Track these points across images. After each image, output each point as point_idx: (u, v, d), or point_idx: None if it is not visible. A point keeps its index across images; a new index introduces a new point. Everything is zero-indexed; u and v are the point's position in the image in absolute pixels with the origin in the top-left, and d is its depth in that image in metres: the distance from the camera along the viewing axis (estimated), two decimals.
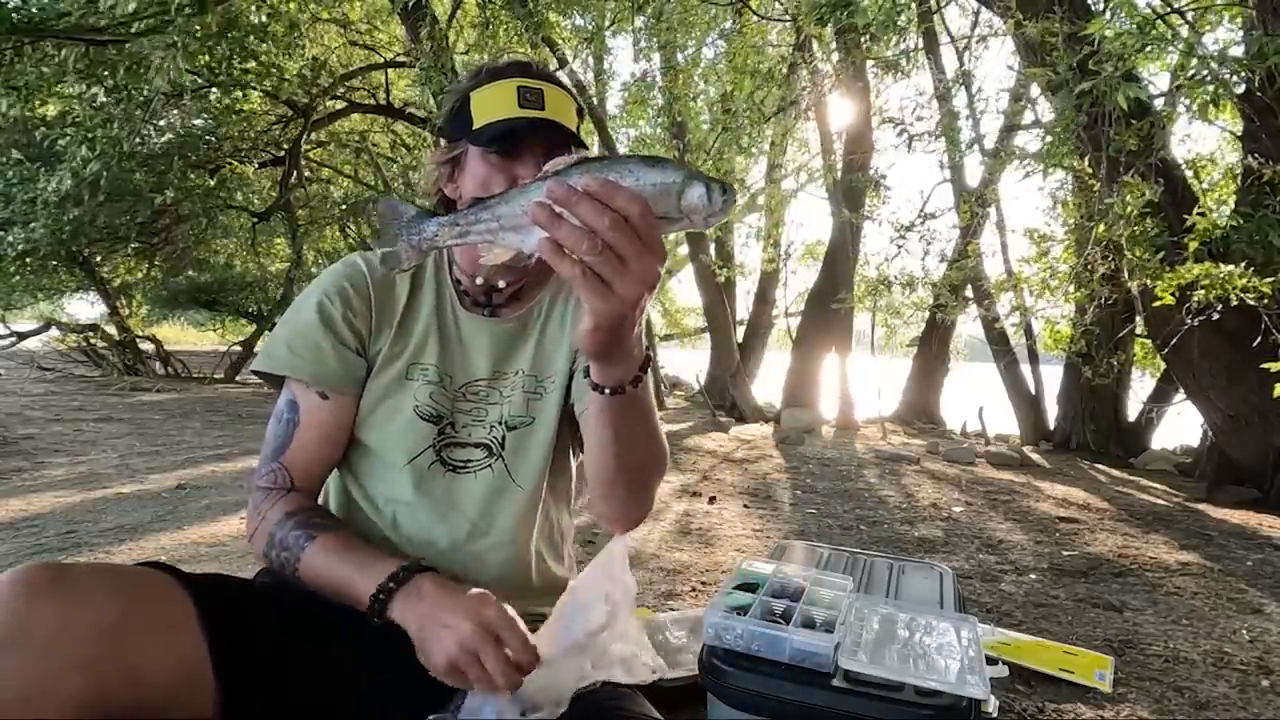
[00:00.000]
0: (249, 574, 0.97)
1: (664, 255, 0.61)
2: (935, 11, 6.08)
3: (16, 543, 2.57)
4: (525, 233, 0.61)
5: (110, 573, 0.69)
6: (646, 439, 0.83)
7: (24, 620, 0.60)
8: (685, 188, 0.59)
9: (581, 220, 0.57)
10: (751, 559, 1.26)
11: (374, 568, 0.82)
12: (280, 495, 0.94)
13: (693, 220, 0.61)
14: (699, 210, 0.60)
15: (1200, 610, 2.39)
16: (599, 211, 0.57)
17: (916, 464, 5.40)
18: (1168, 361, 4.89)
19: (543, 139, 0.95)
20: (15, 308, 12.20)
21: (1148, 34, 3.54)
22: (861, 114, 7.36)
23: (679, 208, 0.60)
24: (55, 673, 0.59)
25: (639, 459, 0.85)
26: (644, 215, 0.58)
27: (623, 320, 0.62)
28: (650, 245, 0.59)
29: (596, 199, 0.57)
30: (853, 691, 0.93)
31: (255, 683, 0.73)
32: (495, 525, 0.98)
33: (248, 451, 4.63)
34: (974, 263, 6.47)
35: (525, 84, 0.95)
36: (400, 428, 0.97)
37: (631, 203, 0.57)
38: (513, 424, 1.01)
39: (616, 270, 0.58)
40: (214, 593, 0.77)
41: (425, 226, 0.65)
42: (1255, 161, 3.83)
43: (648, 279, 0.60)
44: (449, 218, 0.64)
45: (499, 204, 0.62)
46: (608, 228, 0.57)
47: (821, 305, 8.86)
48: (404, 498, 0.96)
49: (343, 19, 8.36)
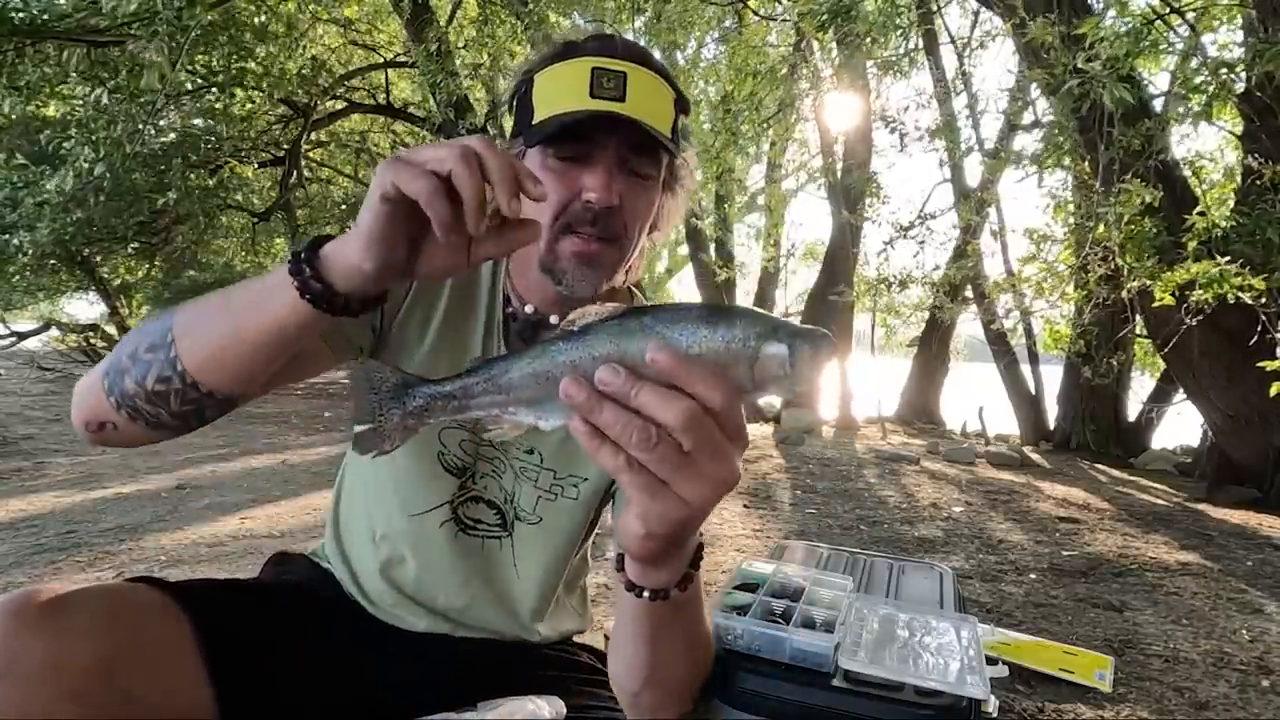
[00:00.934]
0: (248, 574, 0.95)
1: (745, 443, 0.47)
2: (935, 13, 6.08)
3: (16, 543, 2.57)
4: (543, 407, 0.47)
5: (103, 598, 0.64)
6: (688, 649, 0.67)
7: (15, 652, 0.57)
8: (761, 350, 0.44)
9: (641, 410, 0.43)
10: (751, 559, 1.26)
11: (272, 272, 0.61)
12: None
13: (772, 392, 0.45)
14: (780, 380, 0.44)
15: (1200, 610, 2.39)
16: (664, 401, 0.43)
17: (916, 464, 5.40)
18: (1167, 361, 4.89)
19: (622, 140, 0.75)
20: (15, 308, 12.20)
21: (1144, 35, 3.55)
22: (861, 114, 7.36)
23: (752, 377, 0.44)
24: (48, 702, 0.57)
25: (677, 675, 0.68)
26: (729, 404, 0.43)
27: (684, 526, 0.48)
28: (733, 438, 0.45)
29: (661, 380, 0.43)
30: (853, 691, 0.93)
31: (253, 696, 0.70)
32: (496, 595, 0.88)
33: (248, 451, 4.63)
34: (974, 263, 6.48)
35: (602, 65, 0.74)
36: (420, 474, 0.84)
37: (712, 389, 0.43)
38: (519, 513, 0.88)
39: (679, 469, 0.44)
40: (209, 608, 0.72)
41: (412, 399, 0.51)
42: (1255, 161, 3.84)
43: (724, 479, 0.45)
44: (444, 388, 0.50)
45: (508, 370, 0.48)
46: (678, 425, 0.43)
47: (821, 305, 8.86)
48: (401, 546, 0.86)
49: (342, 19, 8.35)
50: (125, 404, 0.65)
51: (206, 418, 0.67)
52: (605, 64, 0.74)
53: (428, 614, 0.87)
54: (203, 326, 0.63)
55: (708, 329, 0.44)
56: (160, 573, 2.32)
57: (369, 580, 0.89)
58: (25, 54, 5.36)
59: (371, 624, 0.88)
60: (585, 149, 0.75)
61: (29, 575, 2.28)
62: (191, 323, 0.64)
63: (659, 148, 0.76)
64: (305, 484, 3.76)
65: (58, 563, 2.40)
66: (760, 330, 0.44)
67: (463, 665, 0.86)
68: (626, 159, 0.76)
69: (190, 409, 0.65)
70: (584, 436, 0.44)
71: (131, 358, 0.64)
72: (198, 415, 0.66)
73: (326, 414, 6.78)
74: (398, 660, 0.84)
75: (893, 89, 16.06)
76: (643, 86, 0.75)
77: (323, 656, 0.80)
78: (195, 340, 0.62)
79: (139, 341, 0.65)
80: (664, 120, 0.77)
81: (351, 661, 0.82)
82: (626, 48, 0.78)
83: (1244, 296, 3.58)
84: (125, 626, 0.64)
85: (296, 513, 3.19)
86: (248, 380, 0.64)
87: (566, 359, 0.46)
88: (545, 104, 0.76)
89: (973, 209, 6.14)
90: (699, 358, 0.44)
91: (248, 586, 0.87)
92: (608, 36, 0.79)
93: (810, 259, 12.45)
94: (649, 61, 0.78)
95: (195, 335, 0.63)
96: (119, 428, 0.68)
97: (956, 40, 8.33)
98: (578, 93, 0.73)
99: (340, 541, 0.93)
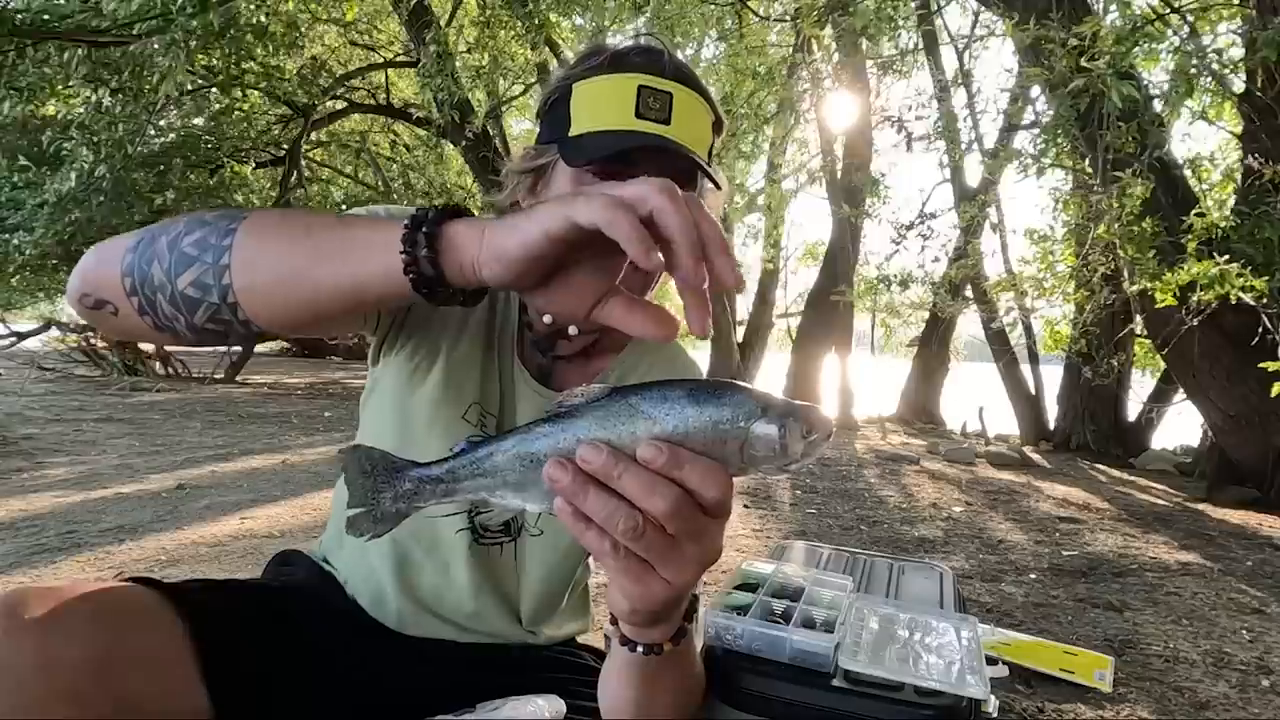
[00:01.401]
0: (248, 574, 0.94)
1: (729, 515, 0.46)
2: (934, 12, 6.08)
3: (16, 543, 2.57)
4: (529, 491, 0.47)
5: (96, 599, 0.63)
6: (677, 694, 0.66)
7: (4, 651, 0.56)
8: (751, 430, 0.43)
9: (624, 494, 0.43)
10: (751, 559, 1.26)
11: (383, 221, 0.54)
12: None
13: (763, 471, 0.45)
14: (769, 460, 0.44)
15: (1200, 610, 2.39)
16: (649, 488, 0.42)
17: (916, 464, 5.40)
18: (1168, 361, 4.89)
19: (665, 164, 0.71)
20: (15, 308, 12.21)
21: (1140, 33, 3.55)
22: (861, 114, 7.36)
23: (741, 457, 0.44)
24: (40, 702, 0.56)
25: (664, 711, 0.67)
26: (721, 496, 0.43)
27: (666, 604, 0.49)
28: (717, 516, 0.45)
29: (650, 469, 0.42)
30: (853, 691, 0.93)
31: (248, 698, 0.70)
32: (501, 601, 0.87)
33: (248, 451, 4.63)
34: (974, 262, 6.48)
35: (649, 84, 0.71)
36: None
37: (705, 483, 0.42)
38: (524, 524, 0.87)
39: (664, 555, 0.44)
40: (204, 608, 0.71)
41: (401, 482, 0.51)
42: (1255, 161, 3.84)
43: (707, 559, 0.46)
44: (431, 472, 0.50)
45: (492, 454, 0.48)
46: (665, 514, 0.42)
47: (821, 305, 8.87)
48: (416, 550, 0.85)
49: (342, 19, 8.36)
50: (142, 292, 0.58)
51: (227, 343, 0.61)
52: (652, 83, 0.72)
53: (434, 618, 0.87)
54: (272, 249, 0.56)
55: (695, 410, 0.43)
56: (160, 572, 2.32)
57: (375, 583, 0.88)
58: (26, 54, 5.37)
59: (373, 627, 0.87)
60: (627, 170, 0.72)
61: (29, 575, 2.28)
62: (262, 240, 0.56)
63: (698, 173, 0.74)
64: (305, 484, 3.76)
65: (58, 563, 2.40)
66: (750, 410, 0.43)
67: (464, 668, 0.86)
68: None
69: (216, 329, 0.59)
70: (568, 519, 0.44)
71: (171, 245, 0.57)
72: (218, 337, 0.60)
73: (326, 414, 6.78)
74: (398, 663, 0.84)
75: (893, 88, 16.03)
76: (687, 109, 0.73)
77: (320, 659, 0.79)
78: (258, 261, 0.55)
79: (190, 231, 0.57)
80: (704, 144, 0.76)
81: (350, 664, 0.81)
82: (673, 65, 0.75)
83: (1245, 297, 3.58)
84: (118, 627, 0.63)
85: (296, 513, 3.19)
86: (294, 323, 0.58)
87: (550, 443, 0.45)
88: (586, 116, 0.73)
89: (972, 209, 6.15)
90: (687, 439, 0.43)
91: (244, 587, 0.86)
92: (656, 51, 0.76)
93: (810, 259, 12.47)
94: (694, 82, 0.76)
95: (261, 255, 0.55)
96: (118, 313, 0.61)
97: (956, 40, 8.34)
98: (622, 111, 0.71)
99: (346, 543, 0.92)
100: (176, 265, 0.56)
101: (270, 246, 0.56)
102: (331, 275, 0.53)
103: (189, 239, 0.56)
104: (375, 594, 0.88)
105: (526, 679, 0.85)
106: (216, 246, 0.56)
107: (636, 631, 0.57)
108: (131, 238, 0.59)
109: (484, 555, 0.86)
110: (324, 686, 0.77)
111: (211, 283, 0.56)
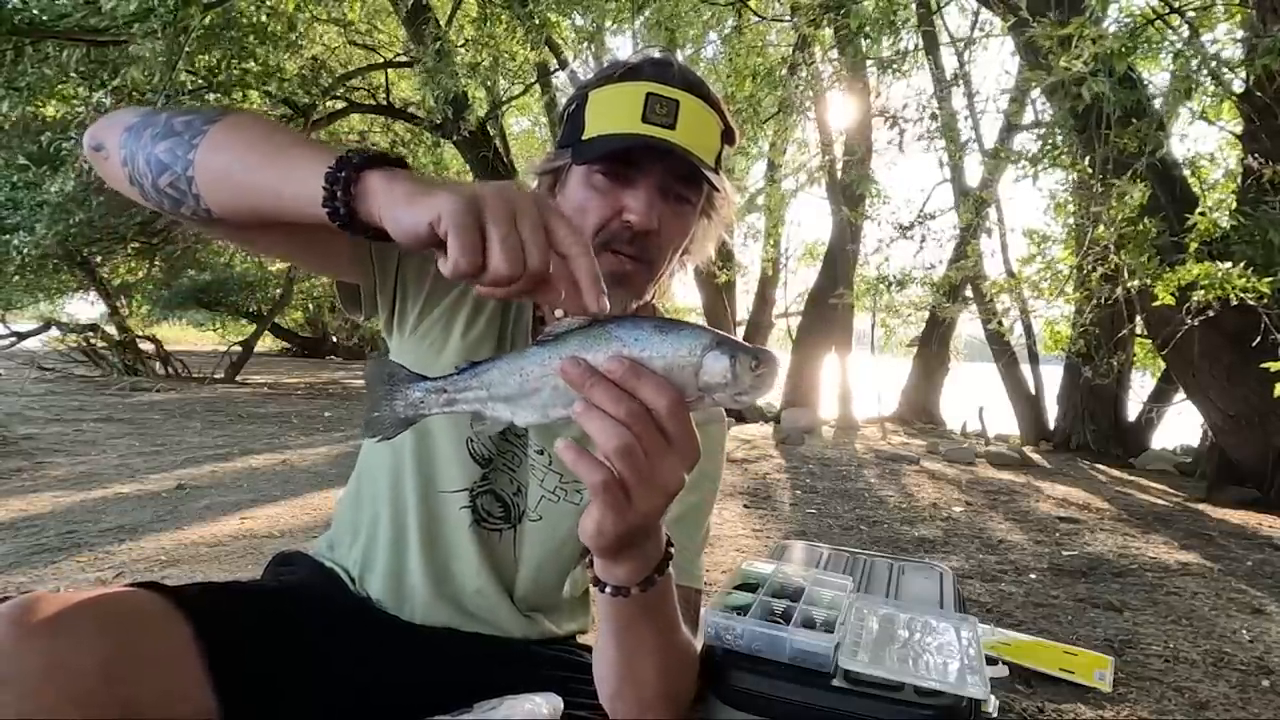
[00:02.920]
0: (248, 574, 0.94)
1: (696, 456, 0.51)
2: (934, 12, 6.08)
3: (16, 543, 2.57)
4: (518, 404, 0.54)
5: (104, 604, 0.65)
6: (658, 653, 0.68)
7: (15, 657, 0.57)
8: (704, 360, 0.50)
9: (597, 405, 0.49)
10: (751, 559, 1.26)
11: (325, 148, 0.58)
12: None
13: (716, 400, 0.51)
14: (723, 387, 0.50)
15: (1200, 610, 2.40)
16: (616, 399, 0.48)
17: (916, 464, 5.40)
18: (1168, 361, 4.89)
19: (670, 167, 0.78)
20: (15, 308, 12.20)
21: (1139, 35, 3.55)
22: (861, 114, 7.36)
23: (696, 383, 0.50)
24: (50, 708, 0.57)
25: (648, 678, 0.69)
26: (674, 410, 0.49)
27: (632, 530, 0.54)
28: (677, 445, 0.50)
29: (616, 384, 0.48)
30: (853, 691, 0.93)
31: (255, 699, 0.71)
32: (499, 585, 0.89)
33: (248, 451, 4.63)
34: (974, 262, 6.48)
35: (657, 91, 0.76)
36: (450, 456, 0.86)
37: (659, 393, 0.49)
38: (524, 509, 0.89)
39: (641, 478, 0.50)
40: (210, 612, 0.72)
41: (411, 391, 0.58)
42: (1255, 161, 3.84)
43: (671, 488, 0.51)
44: (437, 383, 0.57)
45: (490, 369, 0.55)
46: (625, 418, 0.48)
47: (821, 305, 8.86)
48: (416, 526, 0.87)
49: (343, 19, 8.36)
50: (127, 147, 0.66)
51: (182, 215, 0.67)
52: (660, 90, 0.76)
53: (443, 601, 0.88)
54: (235, 145, 0.62)
55: (660, 338, 0.50)
56: (160, 572, 2.32)
57: (379, 564, 0.89)
58: (25, 54, 5.36)
59: (376, 621, 0.88)
60: (631, 171, 0.77)
61: (29, 575, 2.28)
62: (230, 134, 0.63)
63: (702, 177, 0.78)
64: (305, 484, 3.76)
65: (58, 563, 2.40)
66: (706, 343, 0.50)
67: (467, 664, 0.86)
68: (669, 185, 0.79)
69: (174, 196, 0.65)
70: (570, 453, 0.50)
71: (168, 122, 0.65)
72: (175, 205, 0.66)
73: (326, 414, 6.78)
74: (401, 660, 0.85)
75: (893, 88, 16.01)
76: (693, 116, 0.77)
77: (324, 659, 0.80)
78: (220, 153, 0.62)
79: (182, 115, 0.65)
80: (710, 151, 0.80)
81: (354, 663, 0.82)
82: (683, 75, 0.79)
83: (1246, 298, 3.58)
84: (126, 632, 0.64)
85: (296, 513, 3.19)
86: (239, 218, 0.65)
87: (539, 359, 0.53)
88: (597, 122, 0.78)
89: (972, 209, 6.14)
90: (650, 361, 0.50)
91: (249, 589, 0.87)
92: (666, 62, 0.81)
93: (810, 259, 12.46)
94: (703, 91, 0.80)
95: (222, 149, 0.62)
96: (109, 159, 0.68)
97: (956, 40, 8.34)
98: (630, 116, 0.76)
99: (353, 527, 0.94)
100: (161, 132, 0.64)
101: (234, 143, 0.62)
102: (266, 182, 0.59)
103: (180, 118, 0.65)
104: (390, 571, 0.89)
105: (527, 676, 0.86)
106: (192, 129, 0.64)
107: (606, 568, 0.60)
108: (143, 111, 0.68)
109: (485, 538, 0.88)
110: (328, 686, 0.78)
111: (181, 155, 0.63)
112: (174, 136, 0.64)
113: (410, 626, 0.89)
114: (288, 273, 10.49)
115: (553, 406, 0.53)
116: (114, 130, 0.68)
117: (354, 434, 5.58)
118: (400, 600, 0.89)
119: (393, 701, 0.81)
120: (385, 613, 0.90)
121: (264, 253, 0.77)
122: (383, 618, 0.89)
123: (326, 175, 0.54)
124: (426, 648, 0.87)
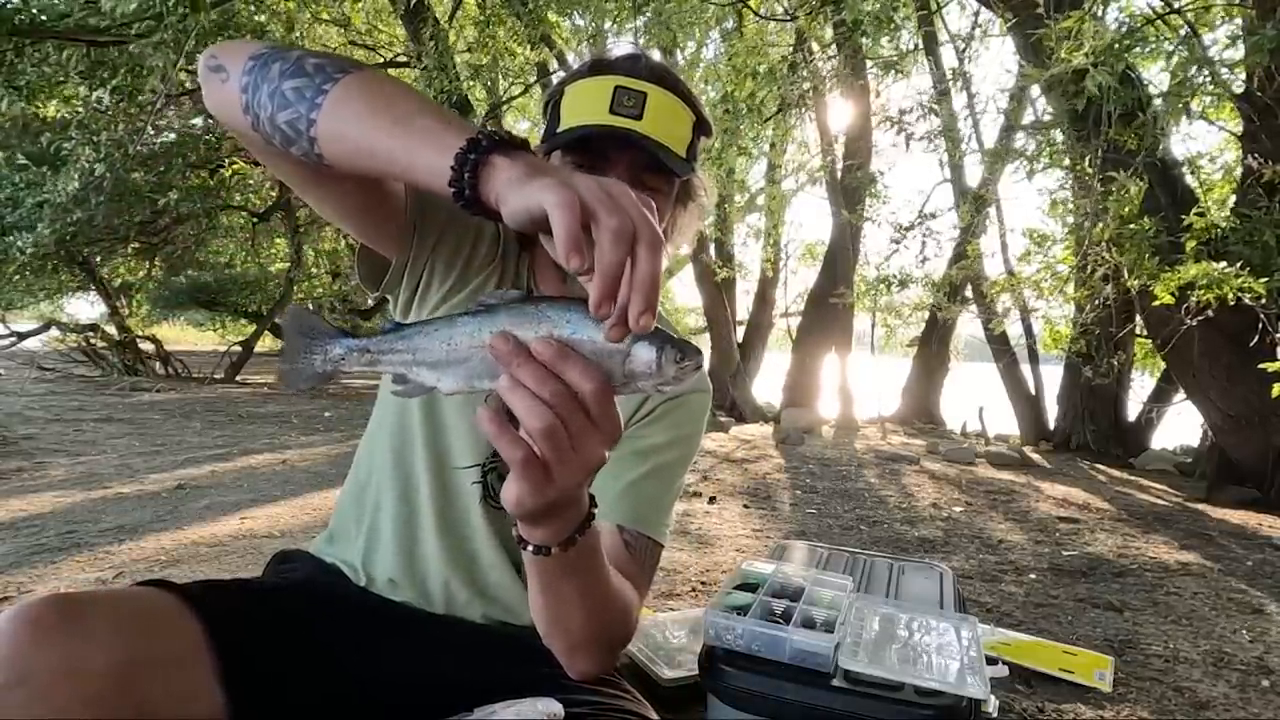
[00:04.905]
0: (249, 574, 0.95)
1: (618, 435, 0.53)
2: (934, 12, 6.08)
3: (16, 543, 2.57)
4: (443, 371, 0.54)
5: (117, 604, 0.66)
6: (584, 601, 0.71)
7: (29, 658, 0.58)
8: (633, 349, 0.50)
9: (523, 383, 0.49)
10: (751, 559, 1.26)
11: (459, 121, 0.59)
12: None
13: (639, 387, 0.52)
14: (647, 377, 0.51)
15: (1200, 610, 2.39)
16: (542, 379, 0.49)
17: (916, 464, 5.40)
18: (1168, 361, 4.89)
19: (636, 156, 0.80)
20: (15, 308, 12.20)
21: (1137, 35, 3.55)
22: (861, 114, 7.36)
23: (623, 371, 0.51)
24: (61, 709, 0.57)
25: (576, 624, 0.73)
26: (599, 394, 0.50)
27: (553, 503, 0.56)
28: (600, 426, 0.51)
29: (543, 364, 0.49)
30: (853, 691, 0.93)
31: (264, 698, 0.71)
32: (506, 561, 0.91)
33: (248, 451, 4.63)
34: (974, 262, 6.48)
35: (625, 84, 0.79)
36: (459, 431, 0.88)
37: (586, 377, 0.49)
38: None
39: (562, 458, 0.51)
40: (221, 611, 0.73)
41: (332, 348, 0.57)
42: (1255, 161, 3.84)
43: (591, 464, 0.53)
44: (361, 341, 0.56)
45: (417, 334, 0.54)
46: (550, 399, 0.49)
47: (821, 305, 8.86)
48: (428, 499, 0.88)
49: (343, 19, 8.35)
50: (251, 75, 0.65)
51: (289, 152, 0.66)
52: (628, 83, 0.79)
53: (452, 573, 0.89)
54: (367, 101, 0.61)
55: (590, 324, 0.50)
56: (160, 573, 2.32)
57: (389, 544, 0.90)
58: (25, 54, 5.36)
59: (381, 614, 0.88)
60: (600, 162, 0.80)
61: (29, 575, 2.28)
62: (362, 88, 0.62)
63: (666, 168, 0.80)
64: (305, 484, 3.76)
65: (57, 563, 2.39)
66: (633, 334, 0.49)
67: (475, 659, 0.87)
68: (639, 174, 0.81)
69: (288, 135, 0.64)
70: (491, 423, 0.51)
71: (300, 60, 0.64)
72: (286, 143, 0.65)
73: (326, 414, 6.78)
74: (409, 657, 0.85)
75: (893, 88, 16.04)
76: (661, 107, 0.80)
77: (334, 655, 0.81)
78: (349, 105, 0.61)
79: (314, 57, 0.64)
80: (679, 141, 0.82)
81: (362, 657, 0.82)
82: (651, 69, 0.83)
83: (1245, 298, 3.58)
84: (139, 632, 0.65)
85: (296, 512, 3.19)
86: (345, 172, 0.66)
87: (469, 330, 0.52)
88: (571, 115, 0.81)
89: (972, 209, 6.14)
90: (579, 345, 0.50)
91: (255, 586, 0.88)
92: (635, 56, 0.84)
93: (810, 259, 12.45)
94: (672, 83, 0.82)
95: (352, 101, 0.61)
96: (227, 81, 0.67)
97: (956, 40, 8.34)
98: (599, 108, 0.79)
99: (356, 518, 0.94)
100: (291, 68, 0.63)
101: (363, 99, 0.61)
102: (392, 147, 0.58)
103: (311, 61, 0.64)
104: (402, 549, 0.90)
105: (532, 672, 0.86)
106: (322, 77, 0.62)
107: (527, 530, 0.62)
108: (265, 45, 0.67)
109: (496, 515, 0.90)
110: (337, 684, 0.79)
111: (309, 99, 0.62)
112: (304, 77, 0.63)
113: (414, 618, 0.89)
114: (288, 273, 10.47)
115: (479, 378, 0.53)
116: (239, 55, 0.67)
117: (354, 434, 5.58)
118: (414, 576, 0.89)
119: (402, 700, 0.82)
120: (391, 603, 0.90)
121: (318, 203, 0.77)
122: (387, 610, 0.89)
123: (457, 156, 0.53)
124: (431, 641, 0.87)
